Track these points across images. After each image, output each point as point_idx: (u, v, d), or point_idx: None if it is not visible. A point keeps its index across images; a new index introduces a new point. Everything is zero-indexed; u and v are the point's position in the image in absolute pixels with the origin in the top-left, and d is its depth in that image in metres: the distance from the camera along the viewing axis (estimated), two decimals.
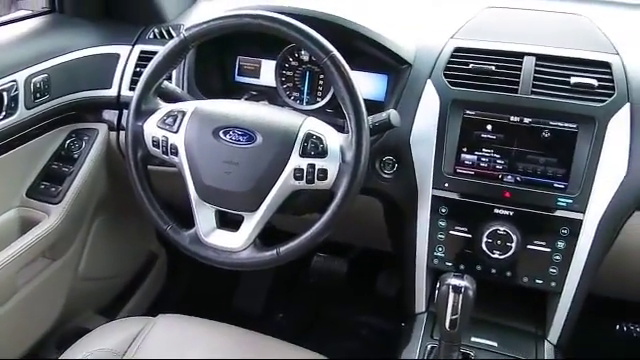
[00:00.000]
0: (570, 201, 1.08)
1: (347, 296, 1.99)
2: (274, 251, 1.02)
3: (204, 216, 1.07)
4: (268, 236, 1.06)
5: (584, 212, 1.08)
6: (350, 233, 1.44)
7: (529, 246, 1.11)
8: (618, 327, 1.85)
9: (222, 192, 1.03)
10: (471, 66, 1.14)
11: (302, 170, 1.00)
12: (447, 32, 1.22)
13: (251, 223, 1.03)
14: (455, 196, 1.14)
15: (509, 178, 1.12)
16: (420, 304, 1.23)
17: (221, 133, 1.03)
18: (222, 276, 1.51)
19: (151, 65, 1.07)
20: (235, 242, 1.04)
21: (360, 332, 1.91)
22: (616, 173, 1.06)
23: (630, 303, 1.43)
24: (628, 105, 1.07)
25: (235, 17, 1.02)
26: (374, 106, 1.17)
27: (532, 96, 1.10)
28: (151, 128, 1.07)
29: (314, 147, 1.00)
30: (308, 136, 1.00)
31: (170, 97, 1.15)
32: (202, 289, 1.96)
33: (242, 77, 1.39)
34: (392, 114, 1.05)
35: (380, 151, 1.17)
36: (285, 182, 1.00)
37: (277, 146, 1.01)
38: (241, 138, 1.02)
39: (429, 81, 1.16)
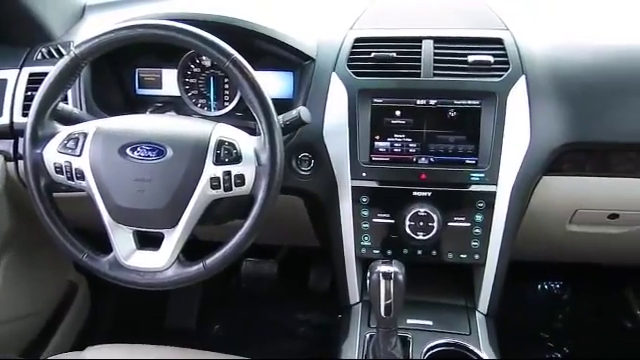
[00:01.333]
0: (482, 175, 1.12)
1: (282, 297, 1.98)
2: (200, 265, 0.99)
3: (121, 239, 1.02)
4: (192, 250, 1.02)
5: (496, 184, 1.12)
6: (276, 234, 1.43)
7: (450, 223, 1.14)
8: (540, 287, 1.95)
9: (137, 212, 0.99)
10: (373, 55, 1.15)
11: (218, 178, 0.97)
12: (346, 23, 1.23)
13: (172, 239, 0.99)
14: (374, 184, 1.15)
15: (423, 160, 1.14)
16: (354, 295, 1.24)
17: (128, 150, 0.99)
18: (150, 296, 1.45)
19: (43, 88, 1.01)
20: (158, 261, 1.00)
21: (299, 331, 1.91)
22: (521, 143, 1.11)
23: (545, 263, 1.50)
24: (523, 77, 1.12)
25: (127, 29, 0.98)
26: (283, 104, 1.16)
27: (434, 78, 1.12)
28: (51, 154, 1.01)
29: (227, 153, 0.98)
30: (220, 143, 0.98)
31: (68, 119, 1.09)
32: (130, 313, 1.89)
33: (143, 89, 1.34)
34: (302, 111, 1.05)
35: (295, 149, 1.17)
36: (202, 193, 0.98)
37: (189, 157, 0.97)
38: (150, 153, 0.98)
39: (334, 74, 1.16)
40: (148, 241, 1.02)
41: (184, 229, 0.99)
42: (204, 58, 1.28)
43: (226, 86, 1.28)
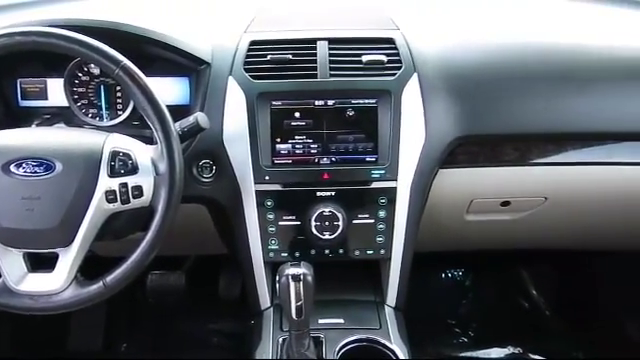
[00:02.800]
0: (382, 171, 1.14)
1: (192, 308, 1.93)
2: (100, 283, 0.95)
3: (10, 262, 0.95)
4: (91, 268, 0.97)
5: (396, 179, 1.15)
6: (181, 244, 1.39)
7: (355, 221, 1.16)
8: (444, 276, 2.03)
9: (27, 232, 0.93)
10: (269, 57, 1.15)
11: (114, 191, 0.93)
12: (240, 27, 1.22)
13: (68, 259, 0.94)
14: (278, 187, 1.15)
15: (325, 160, 1.15)
16: (264, 300, 1.22)
17: (12, 167, 0.92)
18: (48, 320, 1.37)
19: None
20: (53, 283, 0.94)
21: (212, 341, 1.87)
22: (417, 138, 1.15)
23: (447, 253, 1.57)
24: (416, 75, 1.15)
25: (5, 37, 0.91)
26: (180, 111, 1.13)
27: (331, 79, 1.14)
28: None
29: (123, 164, 0.93)
30: (114, 154, 0.94)
31: None
32: (28, 340, 1.77)
33: (27, 101, 1.25)
34: (200, 116, 1.02)
35: (195, 156, 1.14)
36: (98, 207, 0.93)
37: (81, 171, 0.92)
38: (37, 169, 0.92)
39: (231, 78, 1.14)
40: (41, 262, 0.96)
41: (80, 247, 0.93)
42: (92, 66, 1.22)
43: (118, 94, 1.23)
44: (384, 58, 1.15)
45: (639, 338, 1.72)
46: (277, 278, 1.00)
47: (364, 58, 1.15)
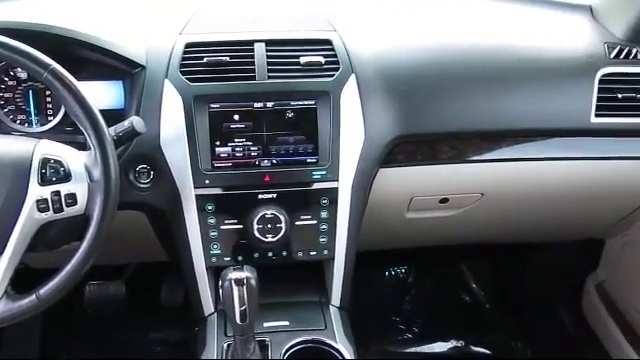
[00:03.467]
0: (324, 172, 1.15)
1: (133, 317, 1.88)
2: (33, 296, 0.91)
3: None
4: (24, 280, 0.93)
5: (337, 180, 1.15)
6: (120, 253, 1.35)
7: (297, 222, 1.16)
8: (387, 274, 2.06)
9: None
10: (205, 60, 1.13)
11: (46, 200, 0.89)
12: (175, 29, 1.20)
13: None
14: (218, 191, 1.13)
15: (265, 162, 1.14)
16: (208, 306, 1.21)
17: None
18: None
19: None
20: None
21: (155, 350, 1.83)
22: (356, 138, 1.16)
23: (390, 251, 1.59)
24: (354, 76, 1.16)
25: None
26: (115, 115, 1.10)
27: (269, 80, 1.13)
28: None
29: (54, 172, 0.90)
30: (45, 161, 0.90)
31: None
32: None
33: None
34: (135, 121, 1.00)
35: (132, 161, 1.11)
36: (29, 217, 0.89)
37: (9, 180, 0.88)
38: None
39: (167, 81, 1.12)
40: None
41: (10, 259, 0.89)
42: (19, 70, 1.17)
43: (48, 99, 1.18)
44: (322, 59, 1.15)
45: (571, 322, 1.80)
46: (220, 283, 0.98)
47: (302, 59, 1.15)
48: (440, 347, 1.89)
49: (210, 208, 1.13)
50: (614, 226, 1.54)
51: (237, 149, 1.13)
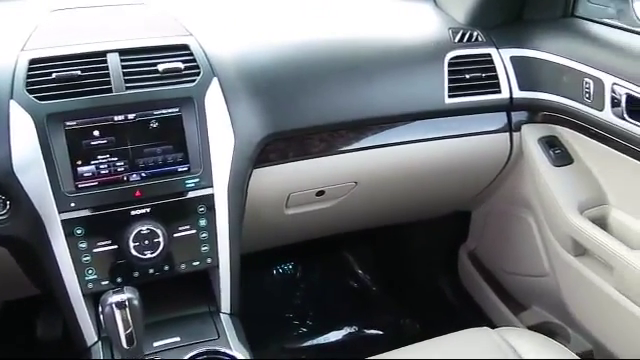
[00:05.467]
0: (197, 180, 1.12)
1: (6, 358, 1.73)
2: None
3: None
4: None
5: (212, 186, 1.13)
6: None
7: (176, 234, 1.12)
8: (275, 272, 2.07)
9: None
10: (54, 75, 1.06)
11: None
12: (15, 44, 1.11)
13: None
14: (86, 213, 1.07)
15: (134, 177, 1.10)
16: (90, 335, 1.13)
17: None
18: None
19: None
20: None
21: None
22: (226, 142, 1.14)
23: (275, 249, 1.60)
24: (216, 79, 1.15)
25: None
26: None
27: (127, 92, 1.09)
28: None
29: None
30: None
31: None
32: None
33: None
34: None
35: None
36: None
37: None
38: None
39: (12, 102, 1.03)
40: None
41: None
42: None
43: None
44: (181, 65, 1.13)
45: (451, 291, 1.92)
46: (100, 309, 0.93)
47: (160, 67, 1.11)
48: (335, 336, 1.93)
49: (79, 232, 1.07)
50: (476, 198, 1.66)
51: (101, 167, 1.08)
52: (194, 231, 1.14)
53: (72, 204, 1.05)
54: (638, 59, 1.25)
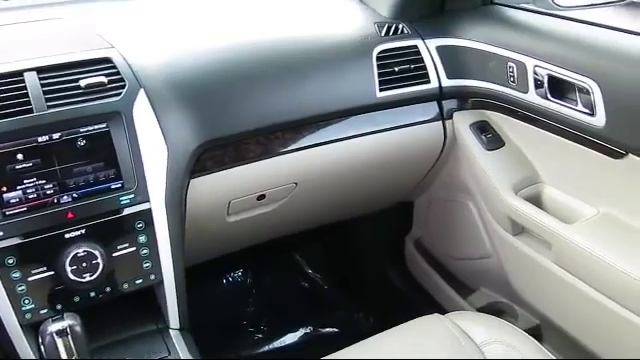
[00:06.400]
0: (132, 196, 1.09)
1: None
2: None
3: None
4: None
5: (149, 200, 1.10)
6: None
7: (115, 254, 1.09)
8: (225, 282, 2.04)
9: None
10: None
11: None
12: None
13: None
14: (17, 240, 1.02)
15: (65, 199, 1.06)
16: None
17: None
18: None
19: None
20: None
21: None
22: (159, 154, 1.12)
23: (222, 258, 1.57)
24: (142, 91, 1.12)
25: None
26: None
27: (50, 110, 1.04)
28: None
29: None
30: None
31: None
32: None
33: None
34: None
35: None
36: None
37: None
38: None
39: None
40: None
41: None
42: None
43: None
44: (104, 79, 1.09)
45: (401, 281, 1.95)
46: (40, 339, 0.89)
47: (82, 82, 1.07)
48: (291, 338, 1.93)
49: (11, 262, 1.02)
50: (417, 188, 1.69)
51: (29, 191, 1.03)
52: (134, 248, 1.11)
53: (0, 233, 1.00)
54: (556, 41, 1.30)
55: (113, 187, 1.09)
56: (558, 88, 1.27)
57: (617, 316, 1.20)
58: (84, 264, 1.04)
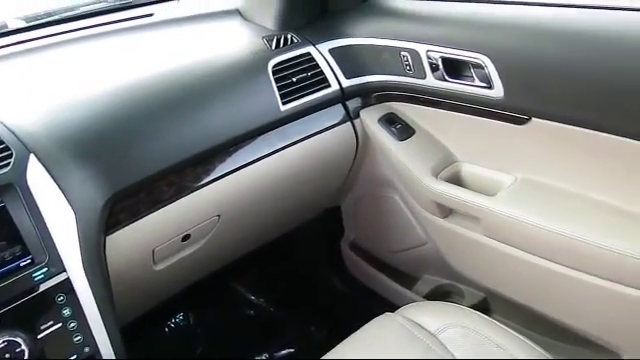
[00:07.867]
0: (45, 269, 1.00)
1: None
2: None
3: None
4: None
5: (65, 269, 1.02)
6: None
7: (40, 335, 1.00)
8: (167, 329, 1.95)
9: None
10: None
11: None
12: None
13: None
14: None
15: None
16: None
17: None
18: None
19: None
20: None
21: None
22: (66, 218, 1.04)
23: (161, 305, 1.50)
24: (33, 156, 1.03)
25: None
26: None
27: None
28: None
29: None
30: None
31: None
32: None
33: None
34: None
35: None
36: None
37: None
38: None
39: None
40: None
41: None
42: None
43: None
44: None
45: (345, 287, 1.94)
46: None
47: None
48: None
49: None
50: (340, 191, 1.68)
51: None
52: (60, 324, 1.02)
53: None
54: (442, 23, 1.33)
55: (22, 265, 1.00)
56: (454, 68, 1.30)
57: (551, 272, 1.24)
58: (7, 355, 0.95)
